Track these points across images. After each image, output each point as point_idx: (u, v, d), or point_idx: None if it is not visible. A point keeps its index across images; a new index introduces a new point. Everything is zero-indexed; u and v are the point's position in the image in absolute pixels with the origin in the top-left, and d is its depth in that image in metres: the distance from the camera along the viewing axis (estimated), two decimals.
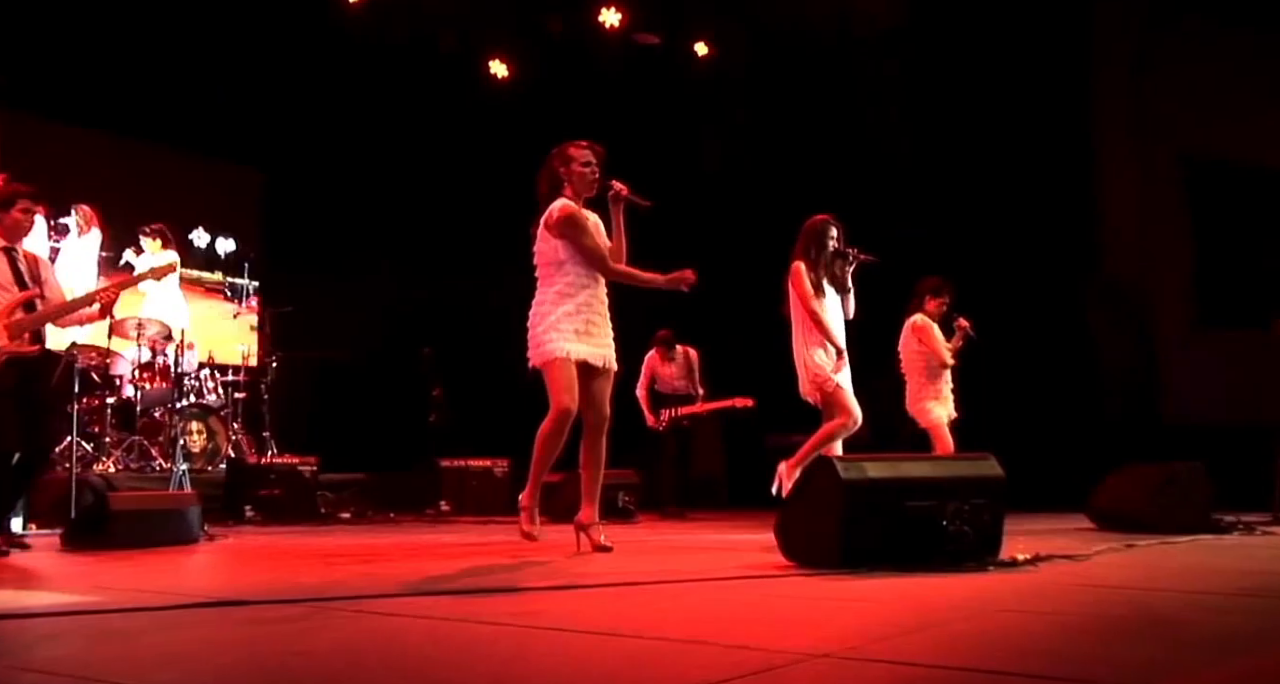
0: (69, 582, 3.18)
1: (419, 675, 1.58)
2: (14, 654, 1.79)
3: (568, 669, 1.59)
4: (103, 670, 1.64)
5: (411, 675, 1.58)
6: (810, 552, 3.32)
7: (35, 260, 4.86)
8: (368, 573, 3.28)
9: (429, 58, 9.59)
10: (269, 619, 2.21)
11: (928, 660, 1.60)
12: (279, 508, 7.37)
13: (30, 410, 4.63)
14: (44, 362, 4.82)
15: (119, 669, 1.66)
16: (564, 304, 4.04)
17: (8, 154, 7.80)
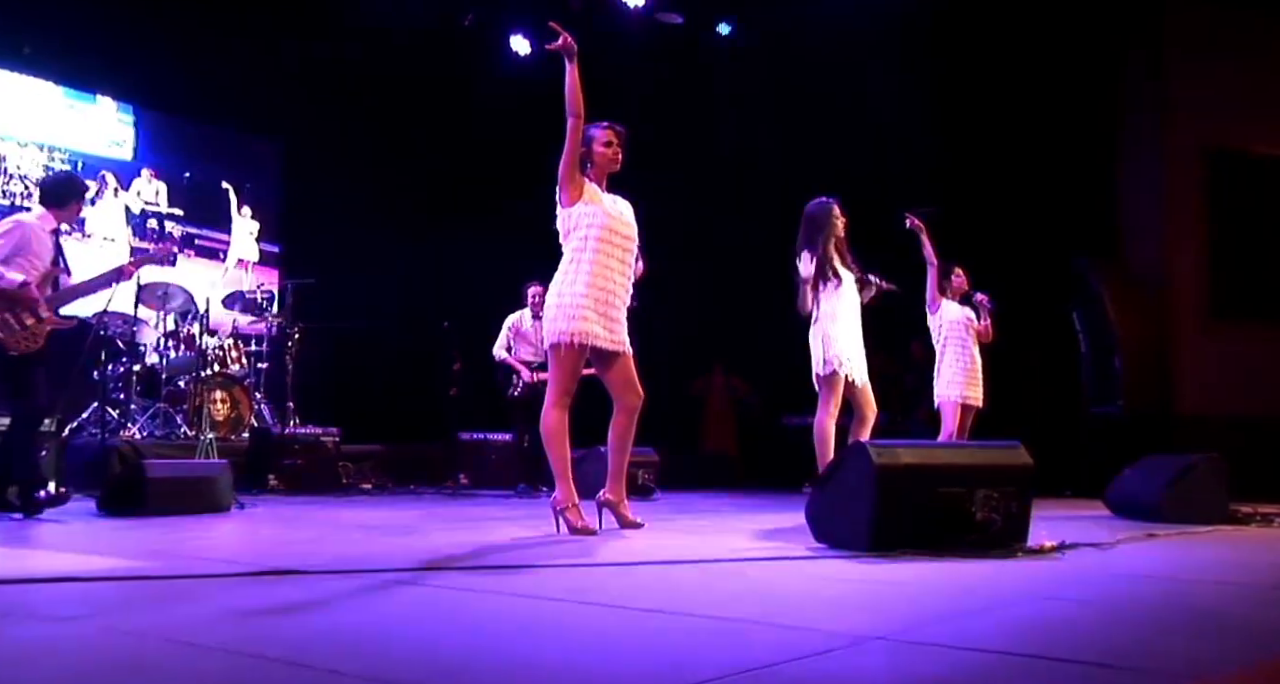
0: (125, 547, 3.26)
1: (491, 650, 1.65)
2: (106, 614, 1.87)
3: (639, 646, 1.66)
4: (206, 636, 1.71)
5: (486, 650, 1.65)
6: (841, 534, 3.39)
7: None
8: (414, 545, 3.35)
9: (452, 34, 9.59)
10: (344, 590, 2.29)
11: (983, 645, 1.66)
12: (301, 478, 7.48)
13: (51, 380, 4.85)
14: (77, 333, 5.02)
15: (223, 635, 1.73)
16: (580, 279, 3.99)
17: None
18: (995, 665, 1.53)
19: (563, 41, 4.00)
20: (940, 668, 1.52)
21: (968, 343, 6.56)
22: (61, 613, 1.95)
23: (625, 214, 4.21)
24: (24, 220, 4.94)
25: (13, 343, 4.71)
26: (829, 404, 5.21)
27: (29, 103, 8.88)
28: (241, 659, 1.52)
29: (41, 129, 8.92)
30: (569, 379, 4.01)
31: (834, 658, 1.56)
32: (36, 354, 4.78)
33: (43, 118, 8.97)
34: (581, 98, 4.04)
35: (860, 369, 5.30)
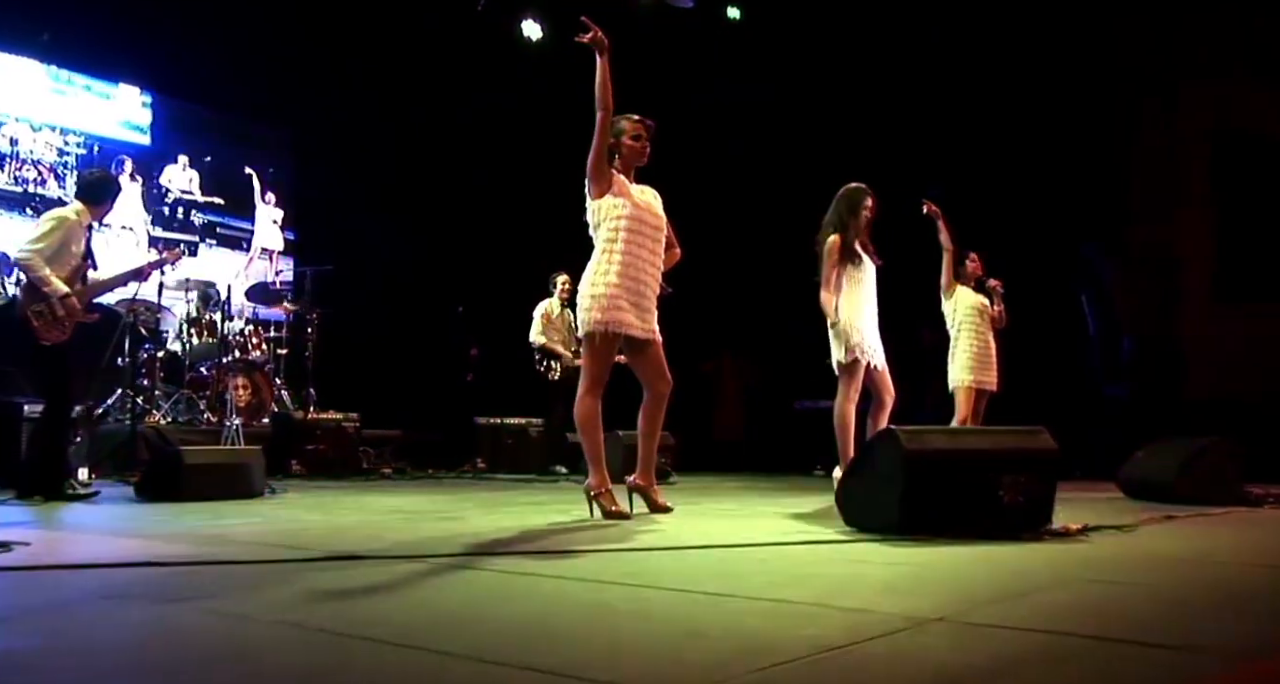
0: (182, 532, 3.36)
1: (580, 631, 1.74)
2: (204, 598, 1.96)
3: (719, 629, 1.75)
4: (305, 618, 1.81)
5: (578, 631, 1.74)
6: (871, 518, 3.49)
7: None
8: (460, 530, 3.45)
9: (463, 18, 9.60)
10: (414, 573, 2.38)
11: (1038, 626, 1.76)
12: (323, 463, 7.60)
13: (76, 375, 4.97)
14: (102, 325, 5.14)
15: (321, 617, 1.83)
16: (612, 269, 4.09)
17: None
18: (1058, 646, 1.63)
19: (593, 35, 4.05)
20: (1004, 648, 1.61)
21: (981, 328, 6.64)
22: (164, 595, 2.05)
23: (654, 204, 4.29)
24: (66, 217, 5.02)
25: (45, 333, 4.81)
26: (850, 391, 5.30)
27: (43, 87, 8.86)
28: (348, 641, 1.62)
29: (56, 113, 8.92)
30: (602, 368, 4.10)
31: (900, 639, 1.66)
32: (64, 344, 4.90)
33: (58, 102, 8.96)
34: (611, 91, 4.10)
35: (879, 355, 5.39)
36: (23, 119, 8.72)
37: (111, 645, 1.62)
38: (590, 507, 4.05)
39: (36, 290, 4.85)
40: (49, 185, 8.86)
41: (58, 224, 4.96)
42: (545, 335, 7.97)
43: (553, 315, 7.95)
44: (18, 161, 8.72)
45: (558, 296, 7.90)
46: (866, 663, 1.50)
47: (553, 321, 7.95)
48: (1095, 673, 1.47)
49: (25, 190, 8.71)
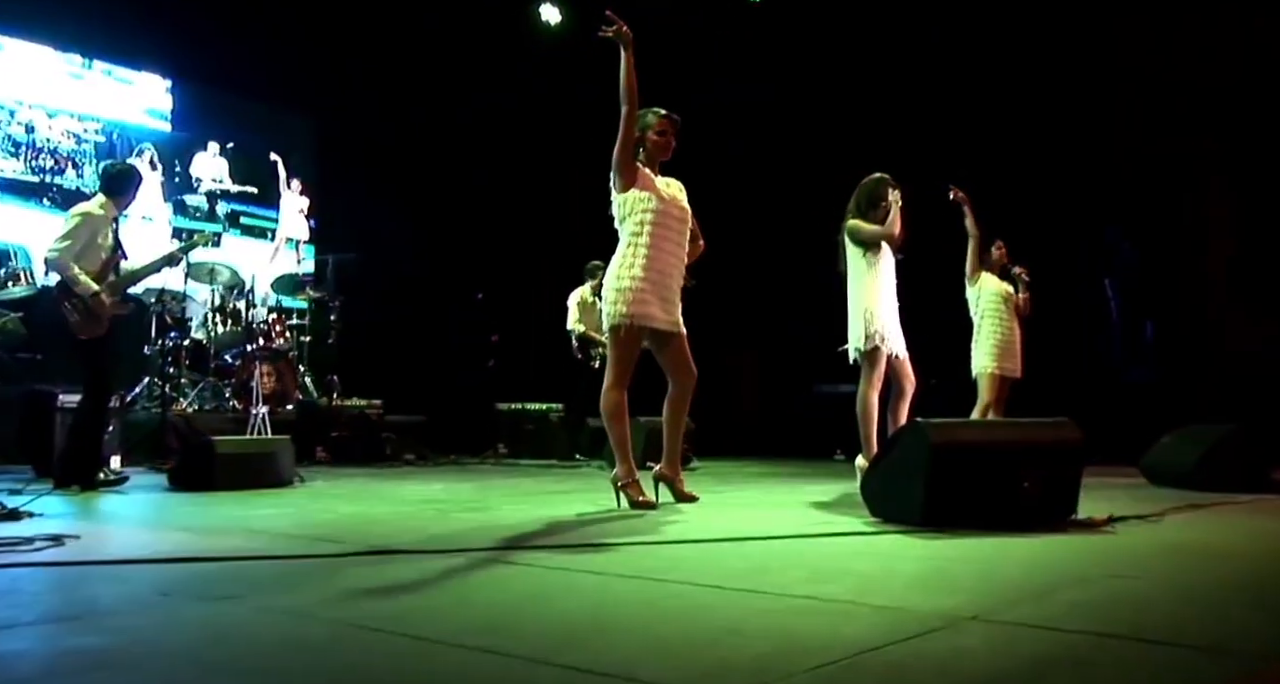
0: (221, 525, 3.44)
1: (620, 629, 1.79)
2: (257, 595, 2.02)
3: (758, 626, 1.80)
4: (358, 615, 1.87)
5: (619, 628, 1.80)
6: (896, 509, 3.53)
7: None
8: (490, 522, 3.51)
9: (485, 4, 9.62)
10: (451, 568, 2.44)
11: (1067, 626, 1.79)
12: (348, 449, 7.69)
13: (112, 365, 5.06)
14: (127, 319, 5.23)
15: (373, 614, 1.89)
16: (639, 262, 4.14)
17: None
18: (1087, 647, 1.66)
19: (617, 29, 4.07)
20: (1036, 649, 1.65)
21: (1006, 315, 6.64)
22: (217, 592, 2.11)
23: (679, 197, 4.32)
24: (90, 212, 5.09)
25: (81, 328, 4.89)
26: (872, 379, 5.32)
27: (60, 72, 8.84)
28: (400, 640, 1.67)
29: (74, 99, 8.91)
30: (628, 360, 4.15)
31: (937, 639, 1.70)
32: (101, 337, 4.98)
33: (76, 88, 8.95)
34: (636, 86, 4.12)
35: (900, 344, 5.42)
36: (38, 105, 8.72)
37: (176, 644, 1.68)
38: (618, 497, 4.10)
39: (70, 291, 4.92)
40: (67, 174, 8.88)
41: (82, 220, 5.02)
42: (582, 323, 7.99)
43: (587, 302, 7.97)
44: (34, 150, 8.73)
45: (589, 285, 7.92)
46: (905, 665, 1.54)
47: (588, 309, 7.97)
48: (1123, 674, 1.51)
49: (42, 180, 8.73)
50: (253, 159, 10.07)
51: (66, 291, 4.91)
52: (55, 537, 2.79)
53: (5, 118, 8.60)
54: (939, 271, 6.84)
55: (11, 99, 8.62)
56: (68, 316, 4.91)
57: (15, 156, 8.64)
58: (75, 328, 4.89)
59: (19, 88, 8.65)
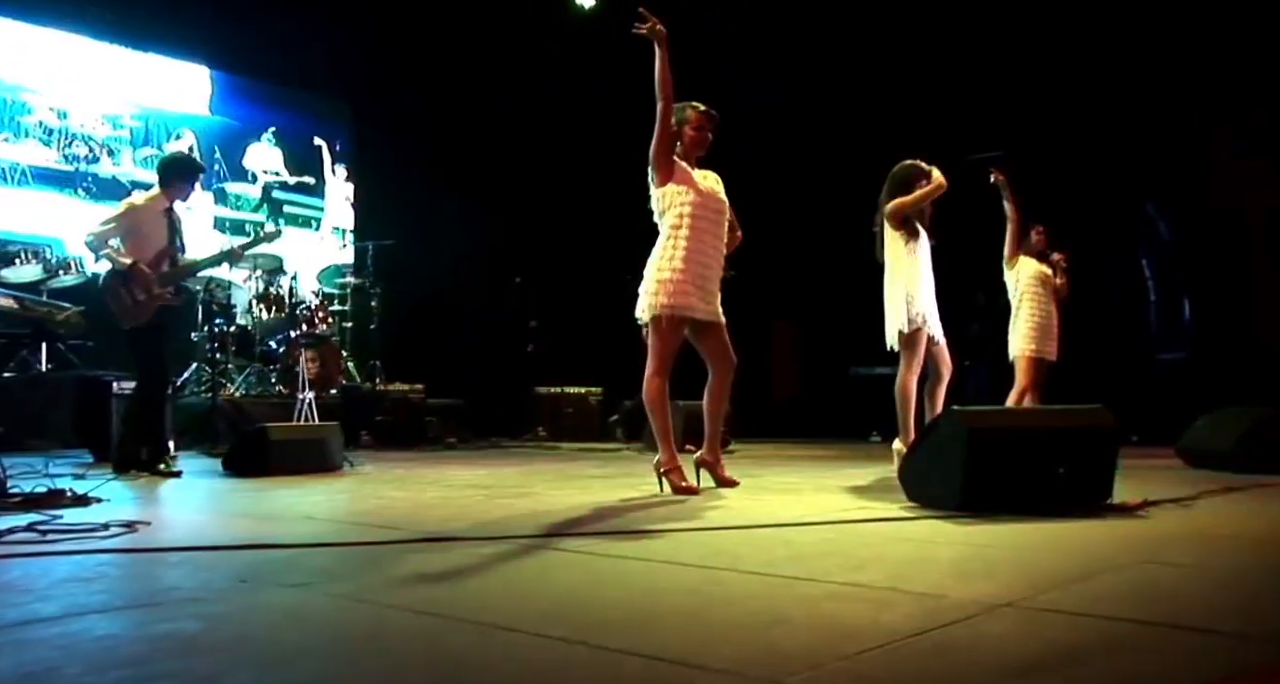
0: (280, 511, 3.59)
1: (675, 616, 1.90)
2: (327, 582, 2.15)
3: (804, 614, 1.89)
4: (426, 602, 2.00)
5: (673, 616, 1.90)
6: (933, 495, 3.60)
7: (179, 218, 5.33)
8: (537, 508, 3.63)
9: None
10: (506, 554, 2.56)
11: (1101, 612, 1.87)
12: (391, 433, 7.87)
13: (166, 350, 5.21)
14: (182, 310, 5.36)
15: (439, 600, 2.01)
16: (679, 254, 4.22)
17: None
18: (1120, 633, 1.74)
19: (651, 26, 4.13)
20: (1070, 635, 1.73)
21: (1044, 298, 6.66)
22: (289, 579, 2.24)
23: (716, 189, 4.40)
24: (135, 204, 5.25)
25: (124, 316, 5.06)
26: (911, 362, 5.38)
27: (94, 57, 8.88)
28: (464, 625, 1.79)
29: (109, 84, 8.94)
30: (669, 350, 4.24)
31: (975, 625, 1.79)
32: (148, 327, 5.11)
33: (111, 73, 8.97)
34: (671, 81, 4.19)
35: (938, 328, 5.46)
36: (70, 90, 8.74)
37: (260, 628, 1.80)
38: (660, 482, 4.21)
39: (114, 276, 5.07)
40: (101, 163, 8.87)
41: (123, 210, 5.19)
42: None
43: None
44: (66, 137, 8.75)
45: None
46: (944, 650, 1.63)
47: None
48: (1155, 661, 1.58)
49: (76, 168, 8.74)
50: (297, 146, 10.19)
51: (111, 281, 5.06)
52: (128, 523, 2.94)
53: (38, 103, 8.60)
54: (977, 255, 6.85)
55: (43, 83, 8.58)
56: (111, 305, 5.07)
57: (48, 145, 8.63)
58: (119, 317, 5.04)
59: (50, 72, 8.61)
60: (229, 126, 9.82)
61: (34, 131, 8.58)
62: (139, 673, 1.49)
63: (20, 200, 8.32)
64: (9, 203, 8.26)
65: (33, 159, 8.52)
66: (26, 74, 8.56)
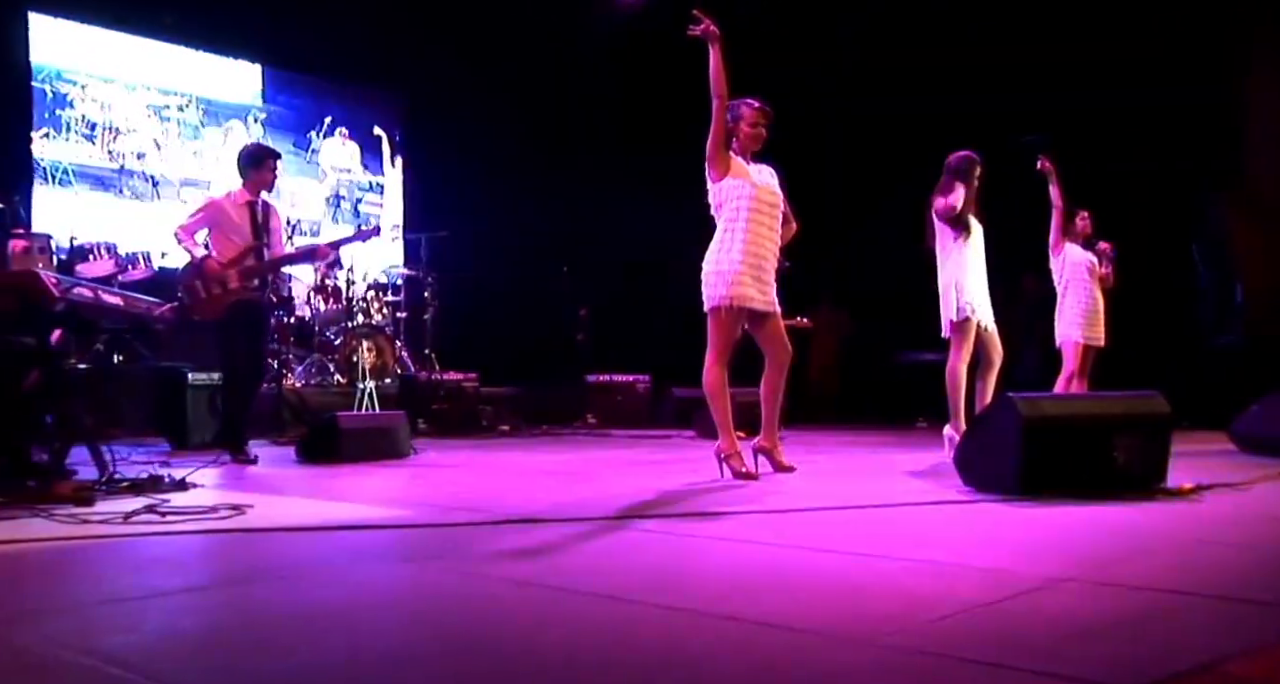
0: (366, 494, 3.80)
1: (759, 589, 2.05)
2: (436, 559, 2.33)
3: (885, 586, 2.04)
4: (530, 575, 2.17)
5: (759, 588, 2.05)
6: (988, 479, 3.72)
7: (268, 210, 5.44)
8: (607, 492, 3.80)
9: None
10: (588, 533, 2.73)
11: (1160, 586, 2.00)
12: (447, 421, 8.07)
13: (251, 344, 5.35)
14: (264, 305, 5.47)
15: (544, 574, 2.19)
16: (736, 247, 4.37)
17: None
18: (1178, 604, 1.87)
19: (705, 27, 4.26)
20: (1129, 605, 1.87)
21: (1090, 284, 6.71)
22: (396, 555, 2.44)
23: (771, 183, 4.52)
24: (215, 199, 5.43)
25: (196, 309, 5.24)
26: (961, 350, 5.49)
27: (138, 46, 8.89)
28: (577, 596, 1.96)
29: (154, 71, 8.95)
30: (728, 340, 4.38)
31: (1042, 596, 1.92)
32: (226, 322, 5.27)
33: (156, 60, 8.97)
34: (725, 79, 4.32)
35: (988, 316, 5.57)
36: (111, 79, 8.66)
37: (388, 599, 1.99)
38: (721, 468, 4.36)
39: (188, 270, 5.26)
40: (148, 160, 8.87)
41: (201, 206, 5.38)
42: None
43: None
44: (112, 133, 8.71)
45: None
46: (1016, 617, 1.77)
47: None
48: (1205, 630, 1.71)
49: (121, 166, 8.73)
50: (356, 133, 10.32)
51: (185, 274, 5.25)
52: (235, 506, 3.15)
53: (77, 94, 8.47)
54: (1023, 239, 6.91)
55: (83, 72, 8.51)
56: (185, 299, 5.23)
57: (90, 140, 8.53)
58: (191, 310, 5.22)
59: (89, 61, 8.51)
60: (283, 120, 10.00)
61: (76, 127, 8.47)
62: (304, 635, 1.68)
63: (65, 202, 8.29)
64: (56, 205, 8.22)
65: (75, 157, 8.47)
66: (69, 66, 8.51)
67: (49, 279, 3.15)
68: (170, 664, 1.51)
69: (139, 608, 1.89)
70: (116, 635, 1.67)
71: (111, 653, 1.55)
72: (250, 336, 5.39)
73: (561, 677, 1.43)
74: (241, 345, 5.34)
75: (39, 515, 2.94)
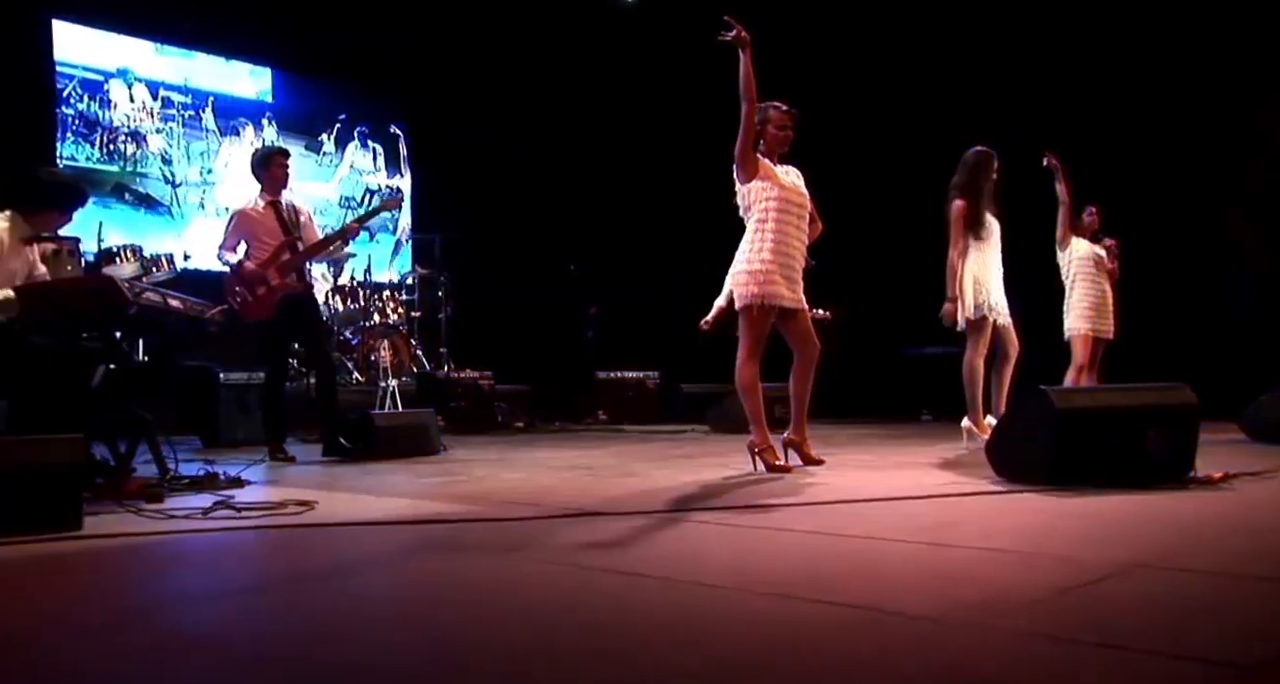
0: (416, 491, 3.89)
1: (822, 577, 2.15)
2: (518, 550, 2.43)
3: (958, 573, 2.15)
4: (609, 563, 2.27)
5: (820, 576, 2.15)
6: (1021, 469, 3.83)
7: (295, 208, 5.55)
8: (649, 486, 3.89)
9: None
10: (627, 530, 2.82)
11: (1224, 570, 2.12)
12: (464, 418, 8.16)
13: (310, 339, 5.44)
14: (310, 296, 5.58)
15: (620, 561, 2.29)
16: (766, 246, 4.48)
17: None
18: (1246, 588, 1.98)
19: (735, 34, 4.36)
20: (1209, 589, 1.97)
21: (1097, 278, 6.86)
22: (469, 545, 2.53)
23: (798, 184, 4.64)
24: (240, 210, 5.50)
25: (247, 313, 5.34)
26: (978, 345, 5.62)
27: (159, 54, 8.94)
28: (642, 580, 2.06)
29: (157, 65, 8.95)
30: (760, 337, 4.49)
31: (1119, 581, 2.03)
32: (275, 321, 5.36)
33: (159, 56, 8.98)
34: (754, 85, 4.42)
35: (1004, 312, 5.70)
36: (109, 73, 8.61)
37: (467, 582, 2.09)
38: (754, 461, 4.47)
39: (229, 278, 5.35)
40: (150, 165, 8.87)
41: (234, 217, 5.46)
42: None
43: None
44: (109, 132, 8.63)
45: None
46: (1103, 600, 1.87)
47: None
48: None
49: (122, 168, 8.68)
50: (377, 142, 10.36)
51: (228, 282, 5.34)
52: (302, 502, 3.24)
53: (74, 91, 8.41)
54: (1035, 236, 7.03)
55: (103, 76, 8.51)
56: (233, 305, 5.34)
57: (88, 140, 8.47)
58: (242, 314, 5.33)
59: (109, 64, 8.53)
60: (295, 122, 10.06)
61: (73, 125, 8.42)
62: (431, 623, 1.77)
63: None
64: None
65: (93, 160, 8.47)
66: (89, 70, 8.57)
67: (123, 284, 3.23)
68: (334, 645, 1.60)
69: (282, 595, 2.04)
70: (272, 621, 1.77)
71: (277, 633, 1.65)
72: (310, 336, 5.51)
73: (709, 659, 1.52)
74: (304, 345, 5.62)
75: (127, 511, 3.03)
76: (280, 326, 5.38)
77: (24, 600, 2.03)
